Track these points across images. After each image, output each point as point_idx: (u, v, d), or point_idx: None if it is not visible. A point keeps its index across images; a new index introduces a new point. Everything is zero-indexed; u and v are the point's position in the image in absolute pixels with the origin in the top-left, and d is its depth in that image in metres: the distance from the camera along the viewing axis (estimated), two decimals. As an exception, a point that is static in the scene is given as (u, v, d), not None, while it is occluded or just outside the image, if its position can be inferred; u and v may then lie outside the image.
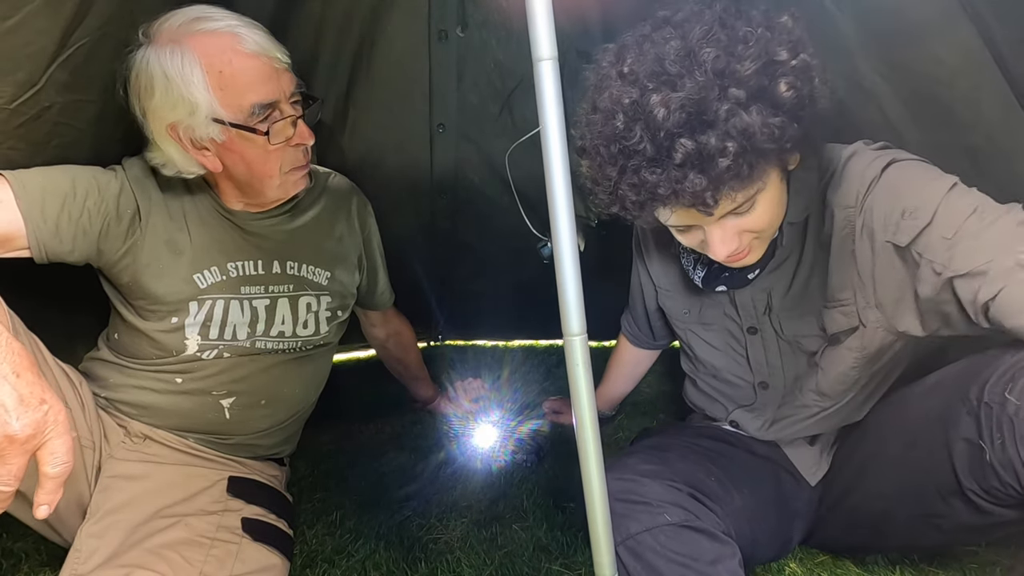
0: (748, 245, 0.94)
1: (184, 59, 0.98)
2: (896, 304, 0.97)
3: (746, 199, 0.87)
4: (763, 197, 0.88)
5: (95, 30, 0.97)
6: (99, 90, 1.05)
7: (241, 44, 1.01)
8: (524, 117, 1.65)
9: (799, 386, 1.13)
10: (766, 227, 0.93)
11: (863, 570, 1.20)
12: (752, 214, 0.89)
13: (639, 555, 0.90)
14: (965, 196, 0.88)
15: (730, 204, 0.86)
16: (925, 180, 0.91)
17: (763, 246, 0.98)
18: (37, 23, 0.89)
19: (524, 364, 2.14)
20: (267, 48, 1.04)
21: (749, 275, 1.06)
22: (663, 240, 1.22)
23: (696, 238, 0.95)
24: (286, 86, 1.07)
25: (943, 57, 0.96)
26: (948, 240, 0.86)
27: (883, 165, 0.94)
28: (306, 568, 1.26)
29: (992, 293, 0.83)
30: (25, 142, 1.01)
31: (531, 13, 0.64)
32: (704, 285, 1.11)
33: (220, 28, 1.01)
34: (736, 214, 0.89)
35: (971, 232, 0.85)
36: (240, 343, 1.19)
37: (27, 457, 0.73)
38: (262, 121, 1.04)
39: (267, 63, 1.04)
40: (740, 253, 0.94)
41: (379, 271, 1.47)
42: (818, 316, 1.05)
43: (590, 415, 0.71)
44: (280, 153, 1.08)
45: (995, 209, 0.87)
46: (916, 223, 0.89)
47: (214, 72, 1.00)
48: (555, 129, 0.66)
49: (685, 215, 0.89)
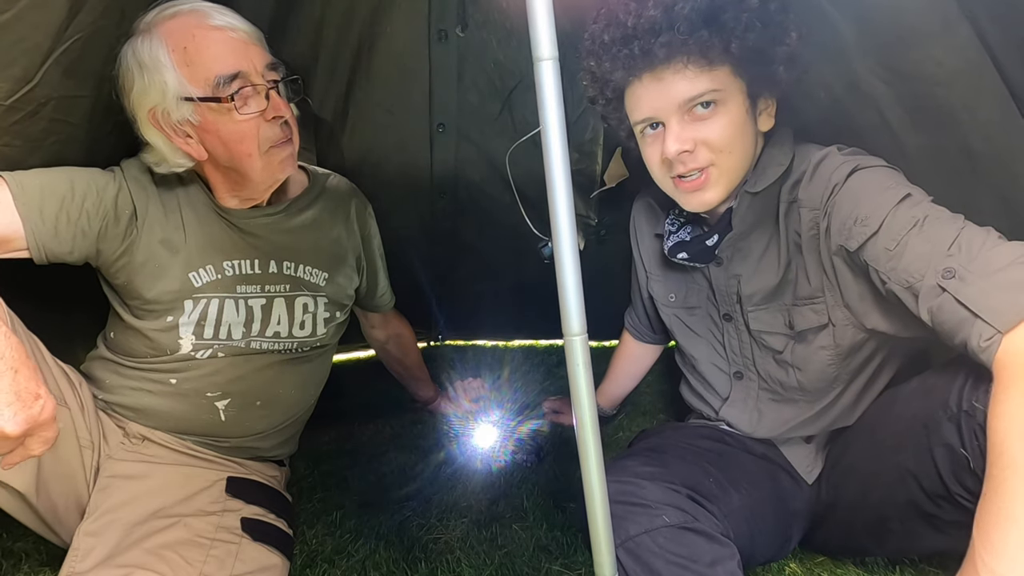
0: (704, 167, 1.00)
1: (152, 43, 1.02)
2: (860, 302, 1.00)
3: (702, 90, 0.95)
4: (723, 110, 0.97)
5: (88, 25, 0.97)
6: (92, 85, 1.06)
7: (205, 19, 1.03)
8: (524, 117, 1.65)
9: (778, 383, 1.14)
10: (723, 146, 0.98)
11: (863, 570, 1.20)
12: (709, 123, 0.97)
13: (638, 556, 0.90)
14: (913, 208, 0.90)
15: (685, 83, 0.95)
16: (881, 189, 0.94)
17: (720, 182, 1.02)
18: (32, 18, 0.89)
19: (524, 364, 2.14)
20: (231, 22, 1.05)
21: (708, 241, 1.11)
22: (652, 220, 1.29)
23: (659, 148, 1.01)
24: (256, 58, 1.06)
25: (941, 60, 0.96)
26: (890, 251, 0.89)
27: (848, 171, 0.97)
28: (306, 568, 1.26)
29: (927, 310, 0.85)
30: (21, 138, 1.01)
31: (531, 13, 0.64)
32: (669, 253, 1.18)
33: (184, 9, 1.04)
34: (694, 117, 0.97)
35: (910, 245, 0.88)
36: (235, 343, 1.19)
37: (14, 447, 0.75)
38: (230, 92, 1.03)
39: (231, 36, 1.04)
40: (693, 180, 1.01)
41: (379, 273, 1.47)
42: (786, 313, 1.08)
43: (590, 415, 0.71)
44: (255, 127, 1.06)
45: (937, 222, 0.88)
46: (865, 230, 0.92)
47: (179, 50, 1.01)
48: (555, 129, 0.66)
49: (650, 97, 0.98)
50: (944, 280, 0.83)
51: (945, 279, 0.83)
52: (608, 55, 0.99)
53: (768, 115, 1.03)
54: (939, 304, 0.84)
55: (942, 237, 0.86)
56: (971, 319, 0.80)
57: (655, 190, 1.27)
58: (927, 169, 1.01)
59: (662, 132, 1.00)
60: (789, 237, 1.05)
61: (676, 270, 1.25)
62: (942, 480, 0.90)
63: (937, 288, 0.84)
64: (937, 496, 0.93)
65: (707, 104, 0.96)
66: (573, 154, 1.63)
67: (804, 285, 1.05)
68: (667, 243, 1.20)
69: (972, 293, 0.81)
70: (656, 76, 0.97)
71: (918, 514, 0.98)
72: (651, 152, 1.05)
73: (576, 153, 1.65)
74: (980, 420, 0.82)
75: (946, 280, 0.83)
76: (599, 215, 1.80)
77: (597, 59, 1.01)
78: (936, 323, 0.85)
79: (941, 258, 0.85)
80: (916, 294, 0.86)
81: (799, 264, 1.05)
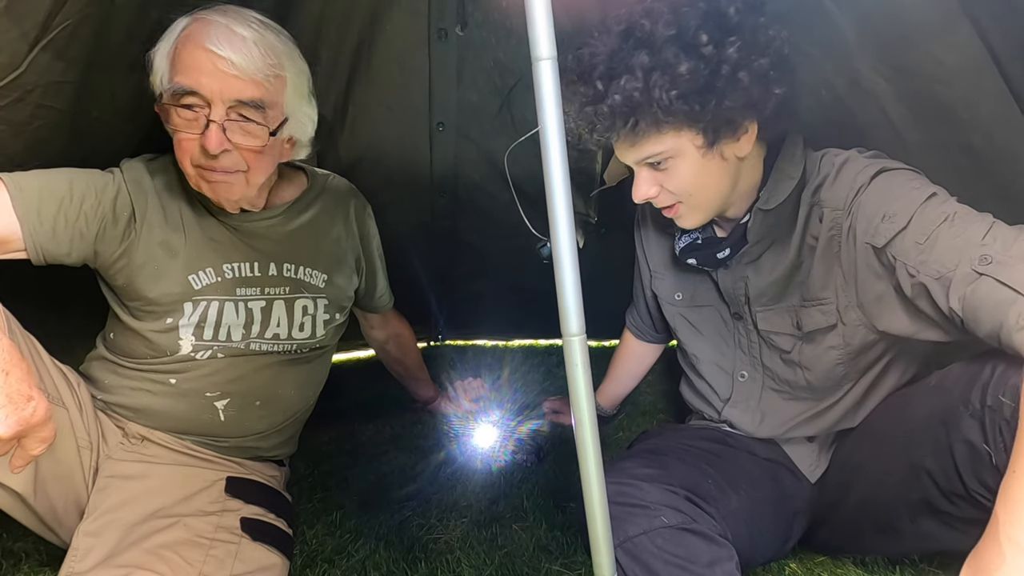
0: (674, 205, 1.05)
1: (174, 31, 1.04)
2: (876, 303, 1.01)
3: (647, 155, 0.99)
4: (676, 163, 1.00)
5: (77, 12, 0.96)
6: (79, 71, 1.05)
7: (206, 36, 1.01)
8: (524, 116, 1.65)
9: (785, 383, 1.14)
10: (682, 191, 1.02)
11: (863, 570, 1.19)
12: (667, 173, 1.01)
13: (637, 557, 0.90)
14: (942, 205, 0.92)
15: (634, 151, 1.00)
16: (908, 188, 0.95)
17: (696, 213, 1.06)
18: (19, 7, 0.89)
19: (524, 364, 2.14)
20: (224, 50, 1.00)
21: (718, 254, 1.12)
22: (659, 220, 1.28)
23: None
24: (226, 91, 1.01)
25: (942, 58, 0.97)
26: (920, 245, 0.91)
27: (873, 172, 0.98)
28: (306, 568, 1.26)
29: (958, 299, 0.86)
30: (6, 124, 1.01)
31: (530, 13, 0.64)
32: (680, 255, 1.19)
33: (212, 19, 1.03)
34: (651, 167, 1.01)
35: (941, 238, 0.89)
36: (234, 344, 1.19)
37: (8, 449, 0.76)
38: (172, 102, 1.02)
39: (216, 60, 1.00)
40: (667, 209, 1.06)
41: (378, 274, 1.47)
42: (793, 313, 1.09)
43: (589, 415, 0.71)
44: (187, 143, 1.04)
45: (967, 218, 0.90)
46: (893, 226, 0.93)
47: (176, 48, 1.03)
48: (554, 128, 0.66)
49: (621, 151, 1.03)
50: (982, 266, 0.84)
51: (983, 264, 0.84)
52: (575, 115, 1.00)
53: (747, 140, 0.99)
54: (974, 288, 0.84)
55: (974, 230, 0.88)
56: (1011, 299, 0.81)
57: None
58: (928, 166, 1.01)
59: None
60: (805, 240, 1.06)
61: (684, 269, 1.25)
62: (960, 477, 0.91)
63: (973, 274, 0.85)
64: (953, 494, 0.93)
65: (658, 163, 1.00)
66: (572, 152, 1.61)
67: (813, 286, 1.06)
68: (679, 243, 1.20)
69: (1014, 274, 0.82)
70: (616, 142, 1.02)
71: (931, 512, 0.98)
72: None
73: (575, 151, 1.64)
74: (1007, 415, 0.82)
75: (984, 266, 0.84)
76: (599, 214, 1.80)
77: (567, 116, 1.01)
78: (967, 310, 0.85)
79: (976, 248, 0.86)
80: (948, 284, 0.87)
81: (809, 265, 1.06)
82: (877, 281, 0.99)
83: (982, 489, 0.88)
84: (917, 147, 1.09)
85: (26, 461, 0.80)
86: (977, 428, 0.87)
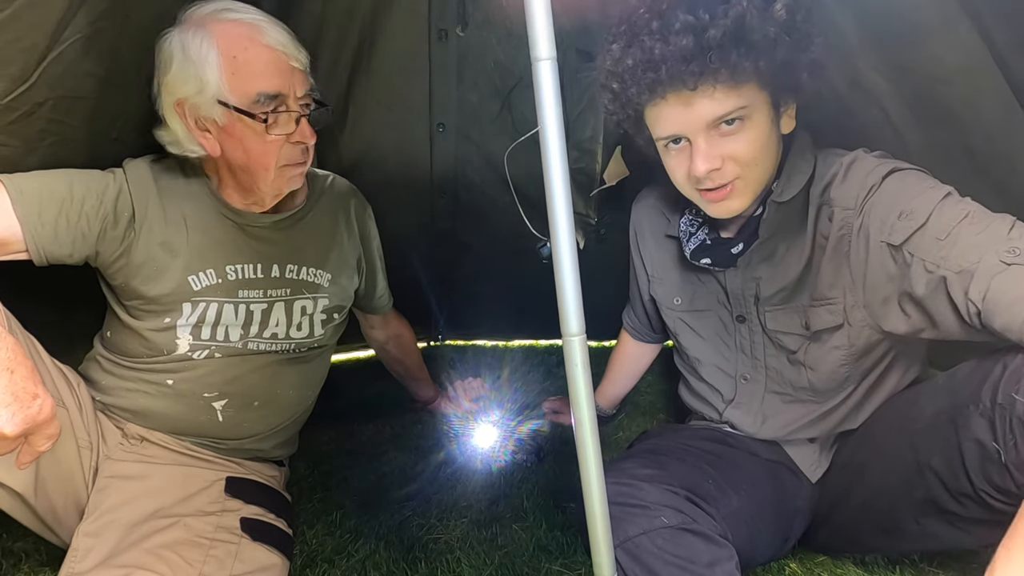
0: (731, 181, 0.99)
1: (204, 40, 1.02)
2: (883, 304, 1.00)
3: (730, 109, 0.93)
4: (749, 125, 0.95)
5: (87, 26, 0.96)
6: (94, 87, 1.05)
7: (260, 35, 1.04)
8: (524, 116, 1.65)
9: (788, 384, 1.14)
10: (749, 160, 0.97)
11: (863, 570, 1.19)
12: (736, 138, 0.96)
13: (637, 557, 0.90)
14: (959, 203, 0.93)
15: (712, 104, 0.93)
16: (923, 187, 0.95)
17: (746, 192, 1.01)
18: (29, 17, 0.89)
19: (524, 364, 2.14)
20: (285, 45, 1.06)
21: (732, 250, 1.10)
22: (657, 221, 1.28)
23: (684, 163, 1.00)
24: (297, 85, 1.08)
25: (942, 57, 0.97)
26: (941, 241, 0.90)
27: (885, 172, 0.98)
28: (306, 568, 1.26)
29: (981, 290, 0.85)
30: (18, 139, 1.01)
31: (530, 13, 0.64)
32: (692, 257, 1.16)
33: (244, 19, 1.05)
34: (720, 133, 0.95)
35: (963, 234, 0.89)
36: (232, 344, 1.19)
37: (15, 447, 0.76)
38: (266, 111, 1.05)
39: (282, 58, 1.06)
40: (718, 191, 1.00)
41: (378, 274, 1.47)
42: (802, 313, 1.08)
43: (589, 415, 0.71)
44: (278, 146, 1.09)
45: (986, 216, 0.90)
46: (911, 224, 0.93)
47: (228, 56, 1.02)
48: (554, 128, 0.66)
49: (676, 116, 0.96)
50: (1011, 256, 0.84)
51: (1013, 256, 0.84)
52: (633, 79, 0.95)
53: (789, 117, 1.02)
54: (1001, 279, 0.84)
55: (998, 226, 0.88)
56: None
57: (660, 191, 1.27)
58: (929, 165, 1.01)
59: (687, 147, 0.99)
60: (815, 239, 1.05)
61: (683, 273, 1.23)
62: (968, 477, 0.90)
63: (1001, 264, 0.84)
64: (960, 494, 0.93)
65: (732, 121, 0.95)
66: (573, 152, 1.63)
67: (821, 286, 1.05)
68: (688, 246, 1.17)
69: None
70: (682, 98, 0.94)
71: (936, 512, 0.98)
72: (675, 165, 1.03)
73: (576, 151, 1.65)
74: (1019, 412, 0.82)
75: (1014, 256, 0.84)
76: (599, 214, 1.80)
77: (621, 82, 0.97)
78: (988, 301, 0.85)
79: (1002, 241, 0.86)
80: (970, 277, 0.86)
81: (818, 265, 1.05)
82: (888, 282, 0.98)
83: (990, 488, 0.88)
84: (917, 147, 1.09)
85: (33, 457, 0.80)
86: (987, 426, 0.87)
